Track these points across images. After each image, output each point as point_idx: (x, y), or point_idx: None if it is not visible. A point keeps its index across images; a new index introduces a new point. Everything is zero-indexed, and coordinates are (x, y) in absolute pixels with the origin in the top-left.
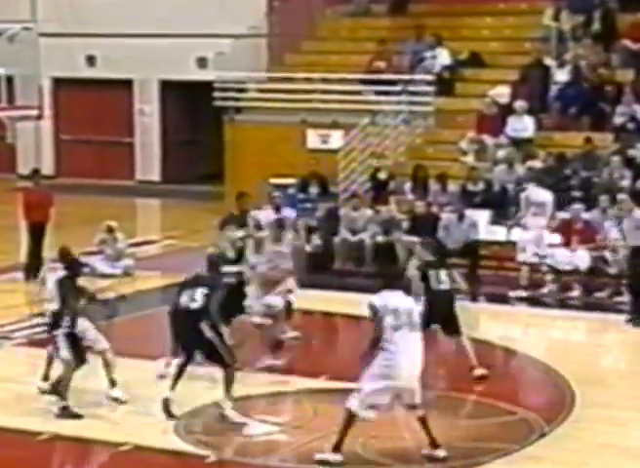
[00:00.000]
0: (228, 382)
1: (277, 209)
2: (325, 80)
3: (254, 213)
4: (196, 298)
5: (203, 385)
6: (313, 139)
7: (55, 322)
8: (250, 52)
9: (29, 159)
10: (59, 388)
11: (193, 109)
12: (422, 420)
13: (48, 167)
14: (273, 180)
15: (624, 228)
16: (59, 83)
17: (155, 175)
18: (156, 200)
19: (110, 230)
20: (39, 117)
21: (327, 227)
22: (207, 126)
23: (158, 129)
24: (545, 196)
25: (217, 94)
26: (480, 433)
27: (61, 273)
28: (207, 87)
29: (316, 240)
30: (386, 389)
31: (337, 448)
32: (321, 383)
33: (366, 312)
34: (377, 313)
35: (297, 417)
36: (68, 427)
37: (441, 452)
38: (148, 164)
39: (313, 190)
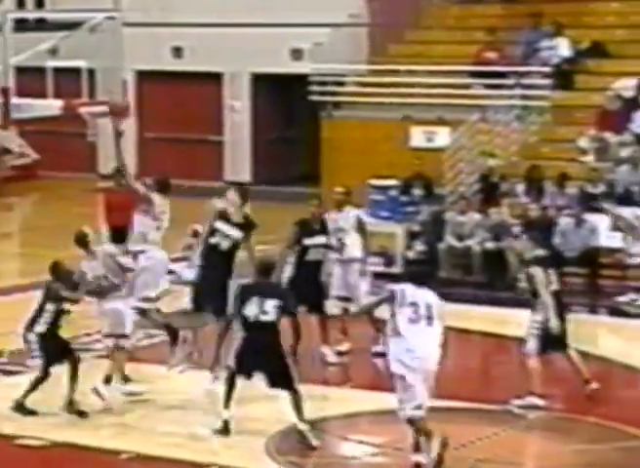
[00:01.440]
0: (299, 407)
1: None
2: (430, 73)
3: (334, 216)
4: (267, 310)
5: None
6: (417, 137)
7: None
8: (349, 42)
9: (110, 158)
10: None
11: (287, 105)
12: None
13: (130, 166)
14: (373, 182)
15: None
16: (143, 76)
17: (245, 176)
18: (247, 203)
19: (197, 235)
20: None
21: (431, 233)
22: (302, 123)
23: (249, 126)
24: None
25: (313, 88)
26: (600, 459)
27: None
28: (302, 80)
29: (419, 246)
30: (414, 379)
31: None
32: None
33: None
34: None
35: (398, 438)
36: (153, 447)
37: (422, 458)
38: (238, 164)
39: (417, 192)
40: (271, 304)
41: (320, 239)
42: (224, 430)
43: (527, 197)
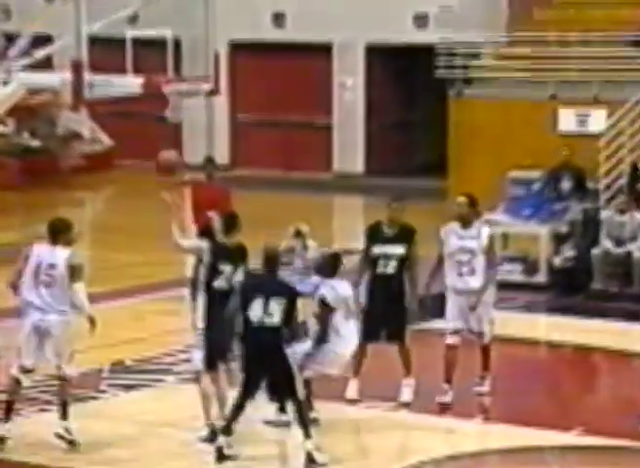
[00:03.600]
0: (304, 422)
1: None
2: (584, 42)
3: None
4: (272, 312)
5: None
6: (567, 120)
7: None
8: (485, 7)
9: (199, 145)
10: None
11: (409, 82)
12: None
13: (222, 155)
14: (513, 174)
15: None
16: (237, 48)
17: (358, 166)
18: (359, 198)
19: (299, 235)
20: (213, 92)
21: (582, 235)
22: (426, 103)
23: (363, 107)
24: None
25: (440, 61)
26: None
27: None
28: (427, 52)
29: (568, 251)
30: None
31: None
32: (573, 438)
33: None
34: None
35: None
36: None
37: None
38: (350, 152)
39: (565, 186)
40: (276, 304)
41: (393, 249)
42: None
43: None
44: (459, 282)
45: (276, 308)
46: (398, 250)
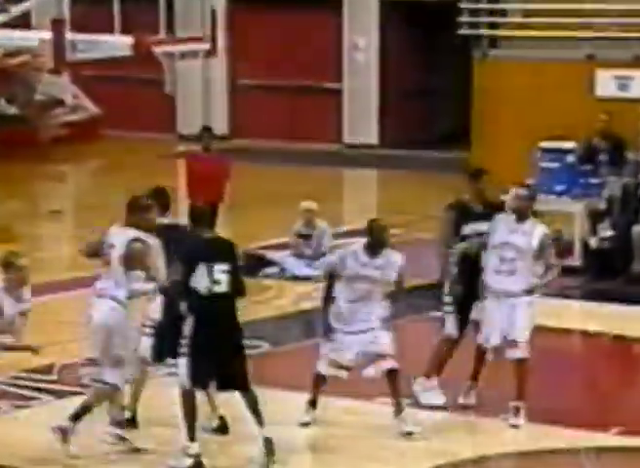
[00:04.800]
0: (257, 410)
1: None
2: None
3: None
4: (219, 279)
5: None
6: (605, 84)
7: None
8: None
9: (194, 113)
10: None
11: (428, 42)
12: None
13: (220, 124)
14: (544, 144)
15: None
16: (236, 3)
17: (372, 137)
18: (372, 171)
19: (307, 212)
20: (210, 53)
21: (622, 213)
22: (447, 66)
23: (377, 70)
24: None
25: (462, 18)
26: None
27: None
28: (447, 8)
29: (605, 231)
30: None
31: None
32: (609, 439)
33: None
34: None
35: None
36: None
37: None
38: (362, 120)
39: (603, 158)
40: (220, 269)
41: (484, 227)
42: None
43: None
44: (495, 281)
45: (221, 273)
46: (485, 227)
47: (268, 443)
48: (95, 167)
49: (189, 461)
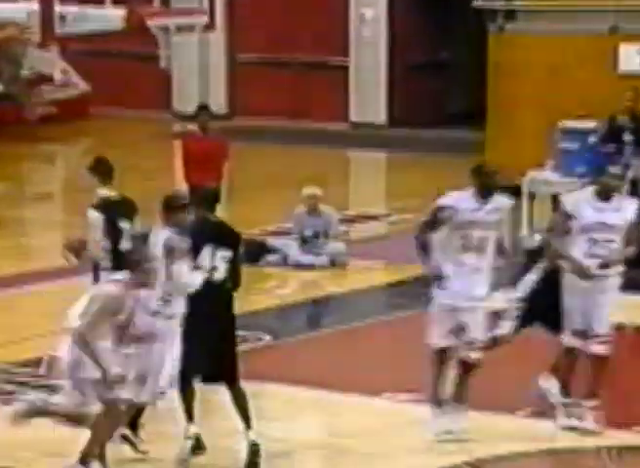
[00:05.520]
0: (246, 412)
1: None
2: None
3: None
4: (218, 266)
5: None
6: (630, 58)
7: None
8: None
9: (191, 91)
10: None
11: (440, 14)
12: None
13: (218, 102)
14: (564, 123)
15: None
16: None
17: (379, 116)
18: (380, 152)
19: (311, 199)
20: (207, 27)
21: None
22: (460, 41)
23: (385, 45)
24: None
25: None
26: None
27: None
28: None
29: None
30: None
31: None
32: (638, 437)
33: None
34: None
35: None
36: None
37: None
38: (370, 98)
39: (627, 139)
40: (222, 256)
41: None
42: (198, 447)
43: None
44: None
45: (221, 259)
46: None
47: (255, 448)
48: (85, 147)
49: (189, 443)
